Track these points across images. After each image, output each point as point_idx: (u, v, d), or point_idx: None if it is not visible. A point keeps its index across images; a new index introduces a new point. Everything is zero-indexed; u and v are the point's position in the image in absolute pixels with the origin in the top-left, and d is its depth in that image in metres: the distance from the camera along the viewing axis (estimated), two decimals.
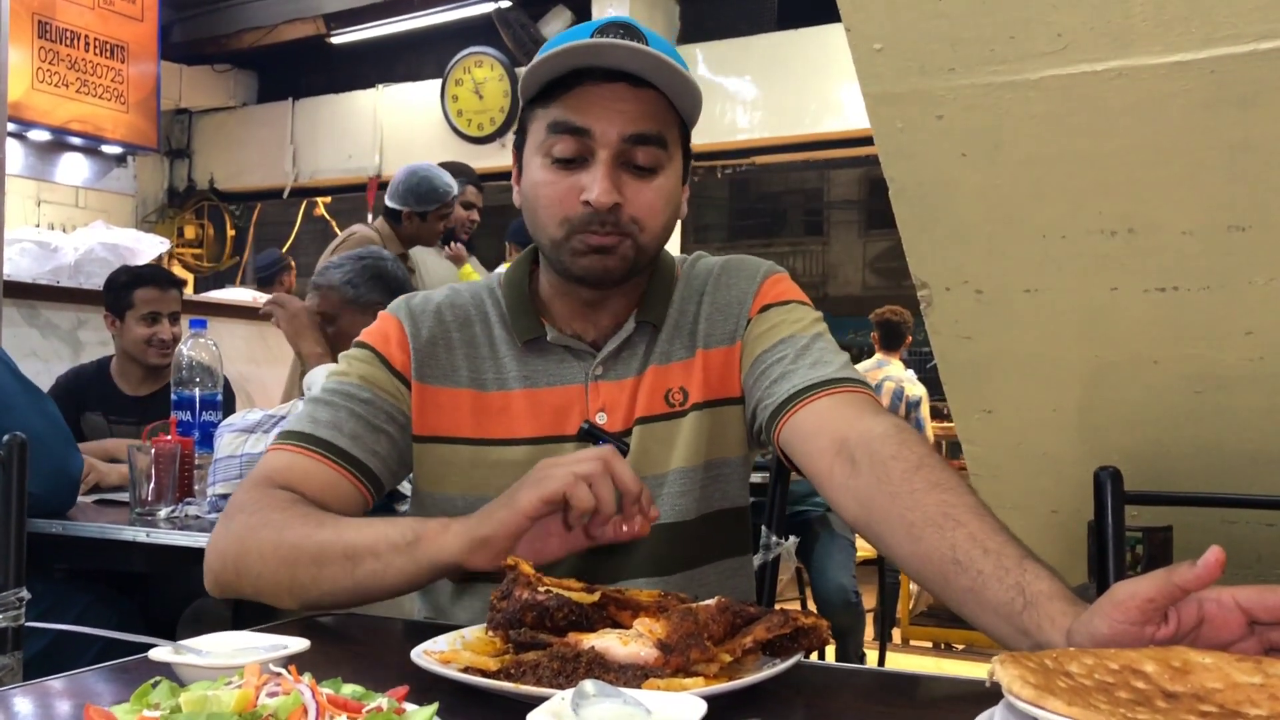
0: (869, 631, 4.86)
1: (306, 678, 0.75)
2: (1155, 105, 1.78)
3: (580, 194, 1.29)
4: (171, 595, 2.68)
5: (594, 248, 1.30)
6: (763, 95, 7.56)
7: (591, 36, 1.29)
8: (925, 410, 5.95)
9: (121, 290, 3.37)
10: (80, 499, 2.45)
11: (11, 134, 5.62)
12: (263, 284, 7.16)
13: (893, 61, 1.92)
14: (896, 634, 5.77)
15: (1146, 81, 1.77)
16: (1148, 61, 1.76)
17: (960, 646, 5.85)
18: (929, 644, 5.93)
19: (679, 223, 1.44)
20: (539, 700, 0.78)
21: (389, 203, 4.16)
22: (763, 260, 1.50)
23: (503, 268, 4.00)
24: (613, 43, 1.26)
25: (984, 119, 1.92)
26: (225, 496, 2.25)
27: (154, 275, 3.48)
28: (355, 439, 1.32)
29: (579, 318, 1.41)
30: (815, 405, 1.28)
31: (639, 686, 0.83)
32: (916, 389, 5.91)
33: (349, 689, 0.78)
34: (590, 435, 1.33)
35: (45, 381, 2.93)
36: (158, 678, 0.79)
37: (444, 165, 4.38)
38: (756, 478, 3.38)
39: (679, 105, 1.33)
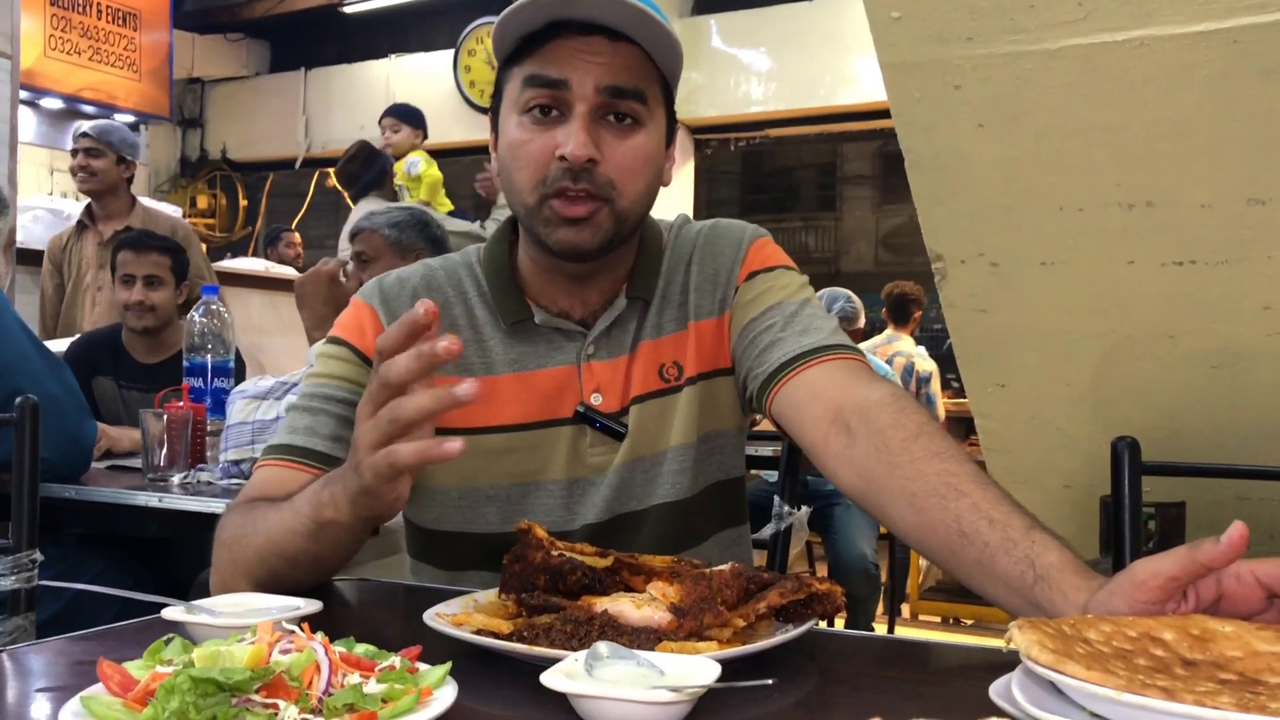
0: (879, 606, 4.88)
1: (319, 636, 0.74)
2: (1177, 76, 1.76)
3: (556, 149, 1.23)
4: (185, 560, 2.69)
5: (568, 219, 1.24)
6: (777, 67, 7.51)
7: None
8: (936, 385, 5.93)
9: (112, 255, 3.38)
10: (93, 464, 2.46)
11: (24, 102, 5.61)
12: (268, 255, 7.34)
13: (910, 30, 1.89)
14: (905, 609, 5.77)
15: (1168, 52, 1.74)
16: (1170, 31, 1.73)
17: (969, 622, 5.85)
18: (938, 619, 5.94)
19: (690, 198, 1.39)
20: (552, 662, 0.78)
21: None
22: (747, 224, 1.44)
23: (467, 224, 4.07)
24: None
25: (1002, 89, 1.90)
26: (237, 462, 2.26)
27: (132, 238, 3.42)
28: (336, 440, 1.26)
29: (565, 295, 1.35)
30: (807, 374, 1.25)
31: (652, 649, 0.83)
32: (927, 364, 5.89)
33: (361, 648, 0.78)
34: (585, 419, 1.29)
35: (56, 349, 2.93)
36: (170, 635, 0.79)
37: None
38: (767, 450, 3.40)
39: (659, 60, 1.27)
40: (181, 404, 2.37)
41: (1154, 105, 1.81)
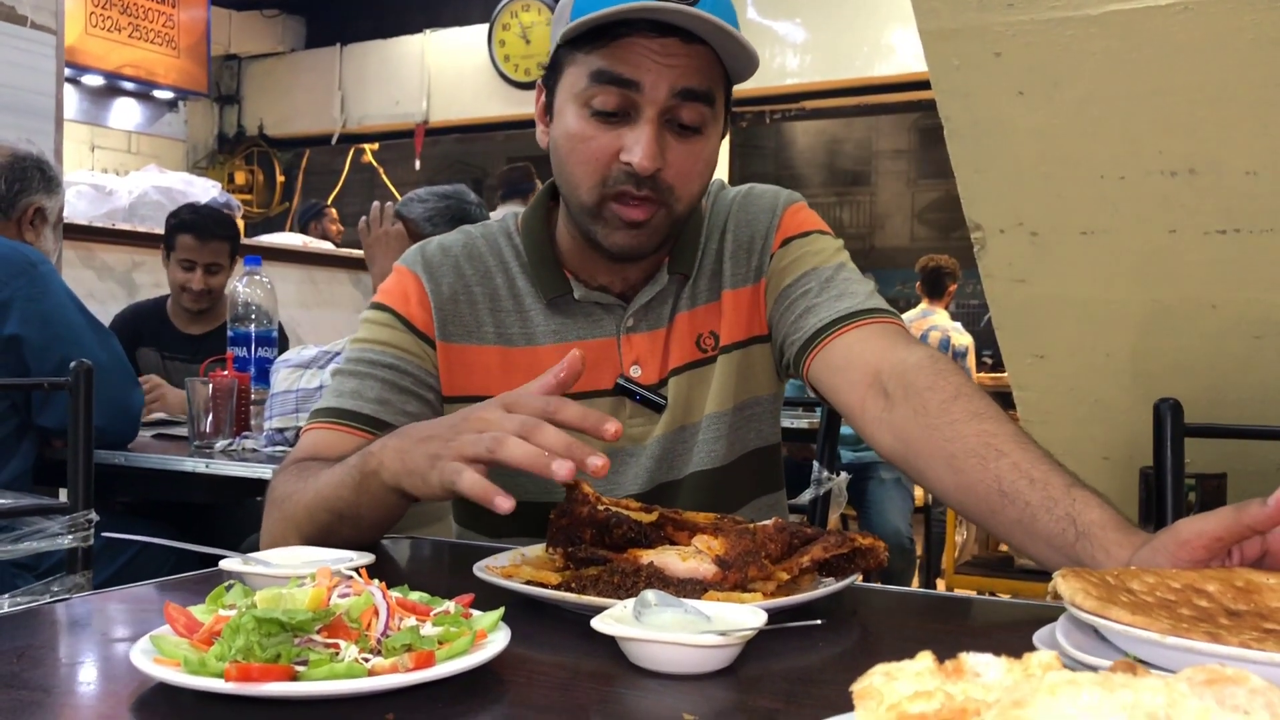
0: (914, 581, 4.88)
1: (376, 581, 0.76)
2: (1221, 40, 1.74)
3: (620, 152, 1.21)
4: (228, 531, 2.74)
5: (628, 223, 1.23)
6: (812, 39, 7.46)
7: None
8: (972, 360, 5.91)
9: (169, 232, 3.39)
10: (141, 434, 2.51)
11: (66, 79, 5.69)
12: (303, 231, 7.32)
13: None
14: (940, 584, 5.77)
15: (1213, 16, 1.73)
16: None
17: (1006, 597, 5.84)
18: (973, 594, 5.93)
19: (725, 173, 1.38)
20: (600, 611, 0.79)
21: None
22: (781, 189, 1.44)
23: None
24: (668, 6, 1.16)
25: (1043, 56, 1.89)
26: (281, 430, 2.29)
27: (197, 224, 3.39)
28: (382, 403, 1.28)
29: (605, 271, 1.35)
30: (844, 338, 1.26)
31: (698, 600, 0.84)
32: (963, 338, 5.87)
33: (416, 595, 0.80)
34: (625, 391, 1.31)
35: (102, 321, 2.98)
36: (231, 582, 0.81)
37: None
38: (803, 423, 3.41)
39: (729, 64, 1.25)
40: (226, 373, 2.41)
41: (1198, 71, 1.80)
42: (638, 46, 1.20)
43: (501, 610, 0.78)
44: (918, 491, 4.65)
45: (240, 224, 6.50)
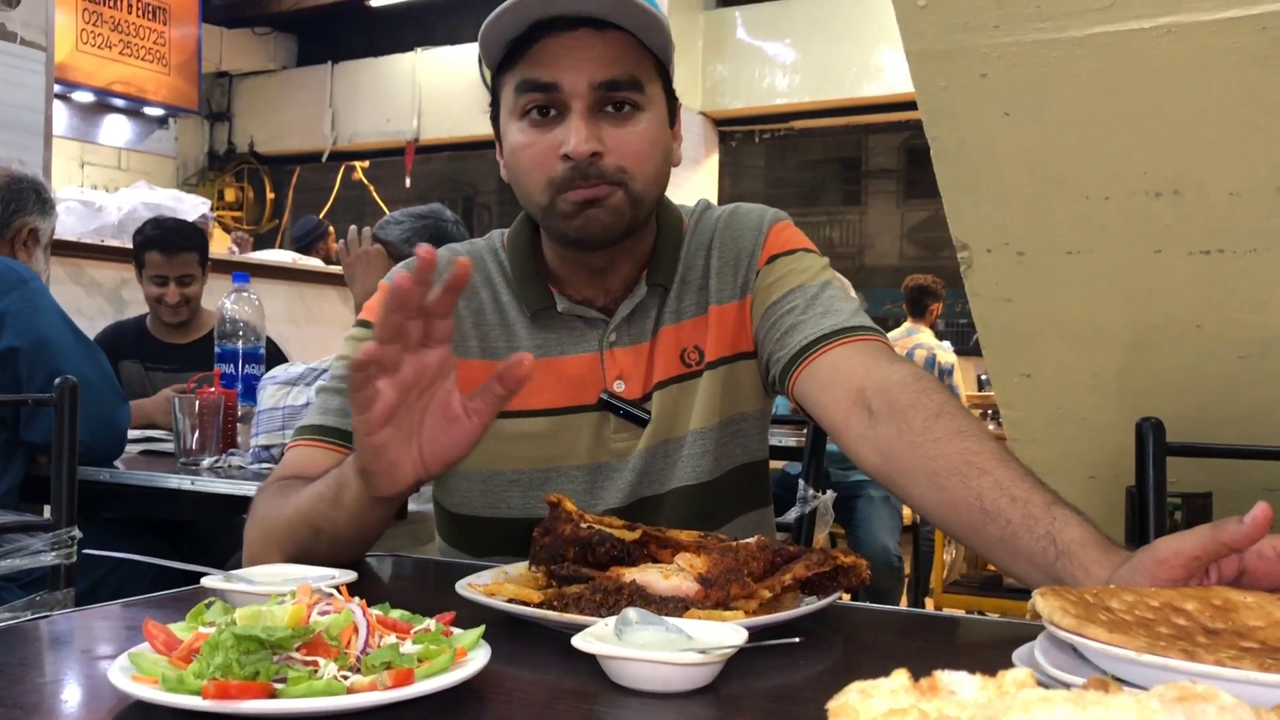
0: (902, 599, 4.88)
1: (357, 599, 0.76)
2: (1205, 63, 1.76)
3: (559, 148, 1.23)
4: (214, 549, 2.73)
5: (580, 203, 1.24)
6: (802, 59, 7.50)
7: None
8: (959, 378, 5.93)
9: (138, 249, 3.39)
10: (128, 449, 2.50)
11: (56, 95, 5.69)
12: (302, 252, 7.19)
13: (937, 18, 1.90)
14: (929, 603, 5.77)
15: (1197, 38, 1.74)
16: (1199, 18, 1.73)
17: (994, 616, 5.84)
18: (960, 613, 5.93)
19: (714, 192, 1.38)
20: (582, 629, 0.79)
21: None
22: (767, 208, 1.45)
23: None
24: None
25: (1029, 77, 1.90)
26: (268, 447, 2.29)
27: (162, 239, 3.37)
28: None
29: (587, 283, 1.36)
30: (829, 355, 1.26)
31: (679, 618, 0.84)
32: (949, 356, 5.89)
33: (397, 613, 0.80)
34: (609, 406, 1.31)
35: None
36: (211, 599, 0.81)
37: None
38: (791, 440, 3.41)
39: (649, 42, 1.26)
40: (213, 389, 2.40)
41: (1182, 93, 1.81)
42: (550, 47, 1.23)
43: (482, 628, 0.78)
44: (906, 510, 4.66)
45: (227, 237, 6.43)
